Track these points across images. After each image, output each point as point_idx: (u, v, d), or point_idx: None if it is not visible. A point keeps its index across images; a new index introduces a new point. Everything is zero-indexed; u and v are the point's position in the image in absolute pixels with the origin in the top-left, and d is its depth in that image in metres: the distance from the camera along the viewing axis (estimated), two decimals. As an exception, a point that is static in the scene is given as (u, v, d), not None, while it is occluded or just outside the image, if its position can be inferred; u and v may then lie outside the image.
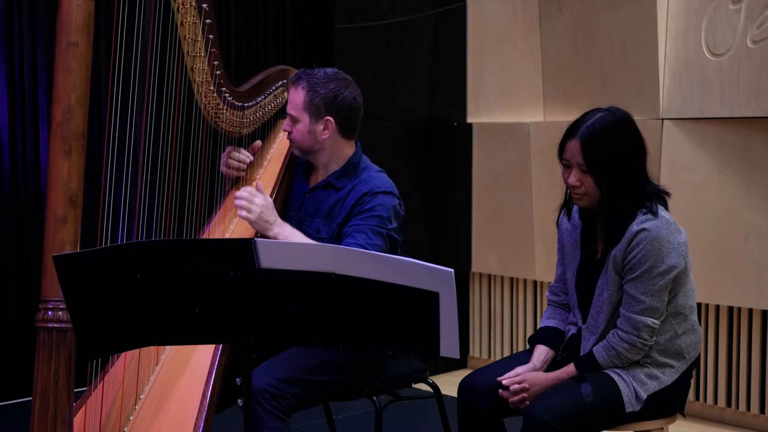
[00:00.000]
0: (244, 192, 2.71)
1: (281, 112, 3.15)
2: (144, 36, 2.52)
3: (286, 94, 3.10)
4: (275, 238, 2.66)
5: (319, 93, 2.79)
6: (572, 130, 2.56)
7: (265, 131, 3.12)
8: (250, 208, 2.68)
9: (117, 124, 2.45)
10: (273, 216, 2.71)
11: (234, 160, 2.97)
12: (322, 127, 2.81)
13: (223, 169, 2.99)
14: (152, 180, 2.62)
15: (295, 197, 2.96)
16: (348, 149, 2.88)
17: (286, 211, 2.93)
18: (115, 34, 2.38)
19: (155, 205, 2.65)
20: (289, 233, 2.70)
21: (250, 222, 2.69)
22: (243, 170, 2.98)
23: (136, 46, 2.52)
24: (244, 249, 1.99)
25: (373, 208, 2.76)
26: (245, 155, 2.98)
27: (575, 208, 2.71)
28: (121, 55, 2.41)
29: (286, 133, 2.88)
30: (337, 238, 2.78)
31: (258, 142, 3.03)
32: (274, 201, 2.86)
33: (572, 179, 2.56)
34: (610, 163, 2.52)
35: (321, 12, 4.80)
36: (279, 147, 3.07)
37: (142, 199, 2.56)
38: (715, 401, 4.10)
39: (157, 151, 2.65)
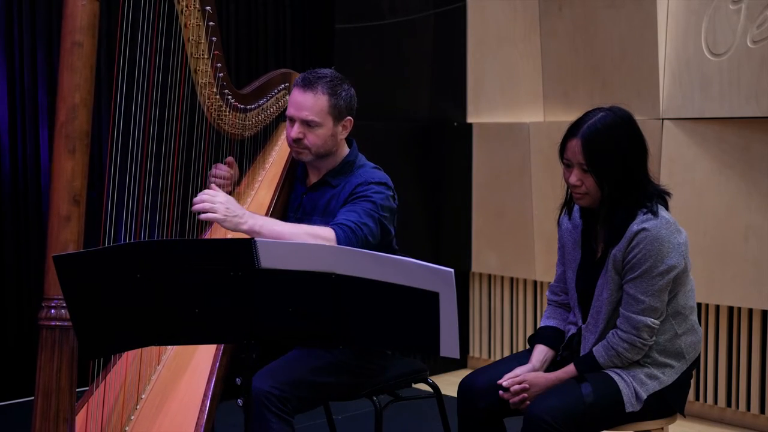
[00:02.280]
0: (203, 195, 2.56)
1: (283, 115, 3.15)
2: (147, 37, 2.53)
3: (288, 97, 3.11)
4: (252, 230, 2.56)
5: (341, 95, 2.79)
6: (574, 130, 2.56)
7: (267, 134, 3.13)
8: (215, 208, 2.53)
9: (120, 124, 2.46)
10: (240, 210, 2.58)
11: (216, 178, 2.94)
12: (341, 128, 2.83)
13: (210, 188, 2.96)
14: (155, 180, 2.62)
15: (293, 198, 2.96)
16: (345, 147, 2.89)
17: (286, 213, 2.93)
18: (119, 35, 2.39)
19: (158, 206, 2.66)
20: (263, 221, 2.61)
21: (219, 222, 2.55)
22: (228, 186, 2.96)
23: (139, 47, 2.52)
24: (244, 249, 1.99)
25: (368, 195, 2.75)
26: (225, 171, 2.96)
27: (576, 207, 2.72)
28: (124, 56, 2.41)
29: (295, 139, 2.79)
30: None
31: (230, 158, 2.97)
32: (276, 202, 2.87)
33: (573, 179, 2.56)
34: (612, 162, 2.52)
35: (321, 12, 4.80)
36: (281, 150, 3.07)
37: (145, 199, 2.56)
38: (715, 401, 4.10)
39: (160, 151, 2.65)
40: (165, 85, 2.65)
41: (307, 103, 2.75)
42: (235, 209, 2.56)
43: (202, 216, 2.54)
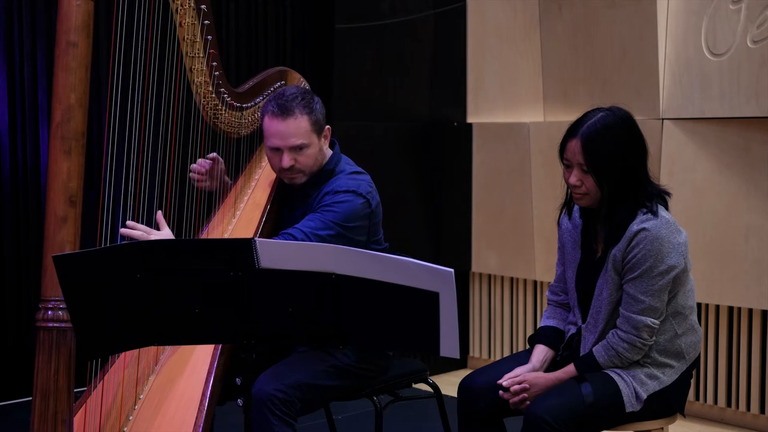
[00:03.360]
0: (137, 232, 2.54)
1: None
2: (143, 37, 2.53)
3: None
4: None
5: (316, 109, 2.77)
6: (573, 130, 2.56)
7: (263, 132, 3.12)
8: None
9: (116, 124, 2.46)
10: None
11: (194, 173, 2.92)
12: (323, 140, 2.82)
13: (192, 181, 2.94)
14: (151, 180, 2.62)
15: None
16: (328, 154, 2.87)
17: (281, 219, 2.92)
18: (114, 34, 2.39)
19: (154, 205, 2.66)
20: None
21: None
22: (204, 181, 2.93)
23: (135, 46, 2.52)
24: (244, 249, 1.99)
25: (331, 205, 2.72)
26: (201, 165, 2.93)
27: (576, 207, 2.71)
28: (120, 55, 2.41)
29: (284, 168, 2.74)
30: None
31: (214, 154, 2.94)
32: (273, 202, 2.86)
33: (573, 179, 2.56)
34: (611, 162, 2.52)
35: (321, 12, 4.80)
36: None
37: (142, 199, 2.56)
38: (715, 401, 4.10)
39: (156, 151, 2.65)
40: (161, 84, 2.65)
41: (290, 130, 2.72)
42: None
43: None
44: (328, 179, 2.82)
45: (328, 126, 2.83)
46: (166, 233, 2.56)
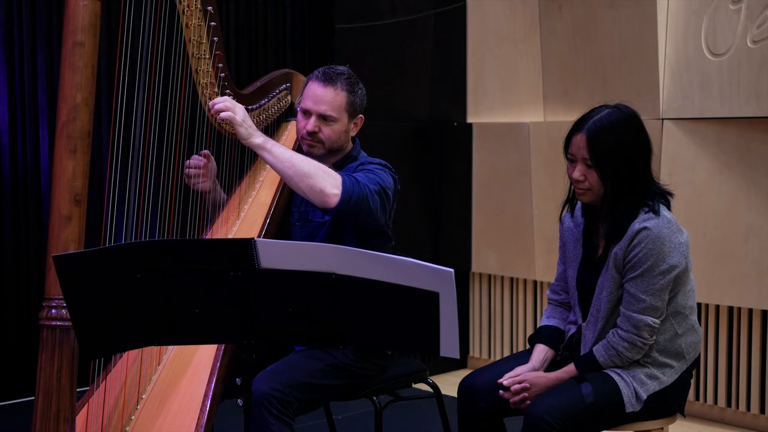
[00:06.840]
0: (223, 99, 2.62)
1: (285, 115, 3.15)
2: (149, 38, 2.53)
3: (289, 97, 3.11)
4: (263, 146, 2.60)
5: (357, 93, 2.83)
6: (579, 125, 2.57)
7: (268, 134, 3.11)
8: (235, 110, 2.59)
9: (121, 124, 2.46)
10: (254, 126, 2.64)
11: (190, 168, 2.92)
12: (353, 125, 2.86)
13: (186, 181, 2.93)
14: (156, 181, 2.62)
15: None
16: (350, 144, 2.91)
17: (290, 208, 2.93)
18: (121, 35, 2.39)
19: (159, 206, 2.66)
20: (276, 143, 2.64)
21: (236, 124, 2.59)
22: (204, 176, 2.93)
23: (141, 47, 2.52)
24: (244, 249, 1.99)
25: (372, 170, 2.75)
26: (197, 160, 2.93)
27: (578, 206, 2.72)
28: (126, 55, 2.41)
29: (307, 132, 2.79)
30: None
31: (206, 151, 2.94)
32: (277, 202, 2.86)
33: (576, 173, 2.56)
34: (615, 158, 2.52)
35: (321, 12, 4.80)
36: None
37: (146, 200, 2.56)
38: (715, 401, 4.10)
39: (161, 152, 2.65)
40: (166, 85, 2.65)
41: (326, 97, 2.78)
42: (251, 122, 2.63)
43: (223, 114, 2.59)
44: (351, 163, 2.86)
45: (361, 116, 2.87)
46: (238, 109, 2.63)
